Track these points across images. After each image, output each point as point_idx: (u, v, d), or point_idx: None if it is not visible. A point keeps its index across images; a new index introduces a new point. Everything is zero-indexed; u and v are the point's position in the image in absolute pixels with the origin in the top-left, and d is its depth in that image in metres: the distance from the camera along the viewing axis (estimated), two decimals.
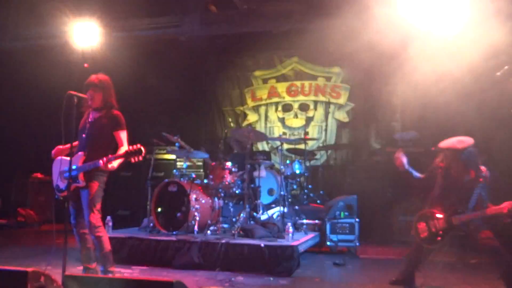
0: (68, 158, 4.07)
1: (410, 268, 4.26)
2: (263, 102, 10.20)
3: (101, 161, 3.92)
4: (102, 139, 4.14)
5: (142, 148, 3.84)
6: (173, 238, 5.54)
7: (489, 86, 3.74)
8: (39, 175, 9.69)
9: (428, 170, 4.51)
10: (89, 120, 4.24)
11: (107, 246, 4.14)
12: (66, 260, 3.62)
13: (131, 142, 4.13)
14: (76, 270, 4.60)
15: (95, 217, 4.06)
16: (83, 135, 4.20)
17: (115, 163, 4.02)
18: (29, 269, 2.85)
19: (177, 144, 6.53)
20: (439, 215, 4.11)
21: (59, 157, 4.34)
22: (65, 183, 4.15)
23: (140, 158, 3.86)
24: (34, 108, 9.62)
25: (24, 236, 8.06)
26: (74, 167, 4.05)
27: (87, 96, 4.15)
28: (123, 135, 4.18)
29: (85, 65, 8.93)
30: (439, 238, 4.05)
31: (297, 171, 7.32)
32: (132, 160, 3.88)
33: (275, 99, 10.14)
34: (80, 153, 4.12)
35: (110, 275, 4.06)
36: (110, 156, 3.95)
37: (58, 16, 8.42)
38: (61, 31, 8.75)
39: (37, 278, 2.87)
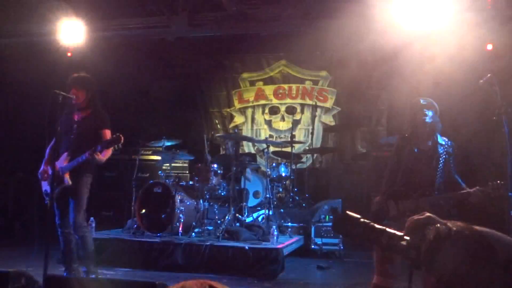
0: (57, 162, 4.07)
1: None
2: (250, 104, 10.20)
3: (87, 153, 3.92)
4: (88, 138, 4.13)
5: (121, 136, 3.89)
6: (157, 239, 5.51)
7: (475, 92, 3.78)
8: (20, 174, 9.55)
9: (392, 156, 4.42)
10: (75, 120, 4.21)
11: (91, 246, 4.14)
12: (47, 261, 3.57)
13: None
14: (58, 271, 4.54)
15: (81, 217, 4.05)
16: (71, 136, 4.17)
17: (102, 155, 4.01)
18: (10, 270, 2.81)
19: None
20: (408, 195, 4.03)
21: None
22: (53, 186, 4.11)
23: (120, 145, 3.91)
24: (17, 106, 9.49)
25: (5, 236, 7.93)
26: (60, 168, 4.04)
27: (71, 95, 4.13)
28: (108, 133, 4.19)
29: (68, 54, 8.84)
30: (406, 218, 4.03)
31: (283, 174, 7.34)
32: (113, 147, 3.95)
33: (262, 102, 10.15)
34: (65, 153, 4.10)
35: (92, 276, 4.03)
36: (94, 148, 3.95)
37: (44, 14, 8.33)
38: (47, 28, 8.65)
39: (18, 279, 2.83)
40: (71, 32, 8.19)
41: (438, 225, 1.27)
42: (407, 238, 1.29)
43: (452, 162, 4.01)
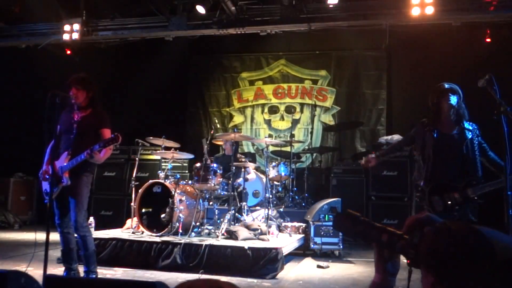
0: (57, 162, 4.08)
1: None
2: (250, 103, 10.20)
3: (85, 153, 3.92)
4: (88, 138, 4.13)
5: (119, 135, 3.90)
6: (157, 239, 5.50)
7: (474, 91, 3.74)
8: (20, 174, 9.55)
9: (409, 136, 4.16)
10: (76, 119, 4.21)
11: (92, 246, 4.14)
12: (47, 261, 3.57)
13: None
14: (58, 271, 4.54)
15: (82, 217, 4.05)
16: (71, 136, 4.17)
17: (101, 154, 4.01)
18: (9, 270, 2.80)
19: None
20: (453, 187, 3.69)
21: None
22: (53, 186, 4.11)
23: (117, 145, 3.93)
24: (16, 106, 9.49)
25: (4, 236, 7.92)
26: (60, 167, 4.05)
27: (70, 95, 4.14)
28: (108, 132, 4.18)
29: (68, 52, 8.82)
30: (456, 214, 3.66)
31: (283, 174, 7.34)
32: (110, 147, 3.94)
33: (262, 101, 10.15)
34: (65, 153, 4.10)
35: (92, 276, 4.03)
36: (92, 147, 3.95)
37: (43, 13, 8.32)
38: (46, 28, 8.65)
39: (17, 279, 2.81)
40: (70, 32, 8.19)
41: (437, 224, 1.27)
42: (406, 237, 1.29)
43: (483, 142, 3.83)
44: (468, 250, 1.13)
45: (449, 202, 3.69)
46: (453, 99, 3.78)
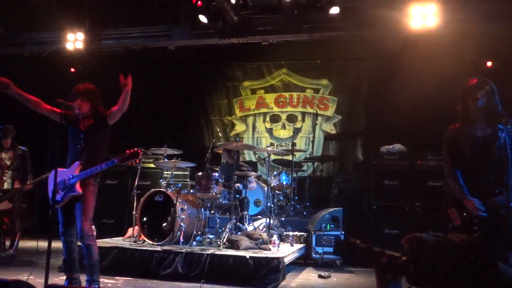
0: (63, 169, 4.10)
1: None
2: (251, 112, 10.22)
3: (103, 165, 3.95)
4: (97, 147, 4.16)
5: (139, 151, 3.94)
6: (158, 248, 5.50)
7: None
8: None
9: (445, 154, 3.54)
10: (82, 129, 4.23)
11: (96, 255, 4.14)
12: (49, 270, 3.57)
13: (119, 151, 4.13)
14: (59, 280, 4.54)
15: (88, 226, 4.06)
16: (78, 146, 4.18)
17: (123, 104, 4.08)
18: (11, 279, 2.81)
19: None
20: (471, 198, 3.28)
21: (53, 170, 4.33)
22: (61, 194, 4.12)
23: (137, 161, 3.93)
24: (20, 115, 9.51)
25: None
26: (71, 176, 4.06)
27: (75, 105, 4.16)
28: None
29: (72, 69, 8.88)
30: (476, 228, 3.21)
31: (284, 182, 7.34)
32: (129, 163, 3.96)
33: (263, 110, 10.18)
34: (76, 162, 4.11)
35: (95, 286, 4.02)
36: (111, 160, 3.97)
37: (47, 23, 8.38)
38: (50, 37, 8.72)
39: None
40: (74, 41, 8.25)
41: (434, 240, 1.28)
42: (405, 258, 1.32)
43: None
44: (468, 260, 1.14)
45: (465, 214, 3.29)
46: (480, 96, 3.34)
